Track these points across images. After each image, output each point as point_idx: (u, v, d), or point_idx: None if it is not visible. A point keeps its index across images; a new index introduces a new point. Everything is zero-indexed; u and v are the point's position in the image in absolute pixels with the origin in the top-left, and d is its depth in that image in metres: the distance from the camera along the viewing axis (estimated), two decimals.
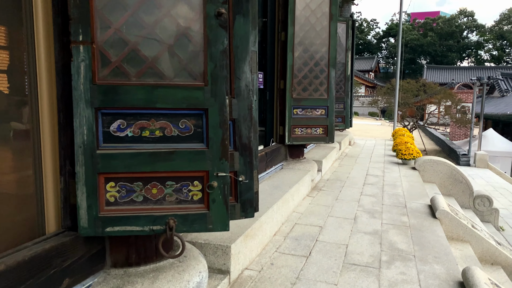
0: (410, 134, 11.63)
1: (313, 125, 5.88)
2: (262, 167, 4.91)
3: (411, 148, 8.29)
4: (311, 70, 5.76)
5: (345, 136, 10.62)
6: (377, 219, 4.45)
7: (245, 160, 2.15)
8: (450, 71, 50.97)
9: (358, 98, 42.65)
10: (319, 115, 5.89)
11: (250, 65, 2.08)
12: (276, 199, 4.05)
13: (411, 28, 65.18)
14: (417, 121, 20.86)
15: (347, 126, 8.78)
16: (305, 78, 5.74)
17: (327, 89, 5.88)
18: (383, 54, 72.31)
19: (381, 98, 23.39)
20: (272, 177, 5.12)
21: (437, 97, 19.12)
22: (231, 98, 2.06)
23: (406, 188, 6.08)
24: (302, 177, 5.24)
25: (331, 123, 5.94)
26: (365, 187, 6.07)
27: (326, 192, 5.63)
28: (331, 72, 5.86)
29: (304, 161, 6.08)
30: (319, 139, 5.95)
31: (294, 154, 6.10)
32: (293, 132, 5.78)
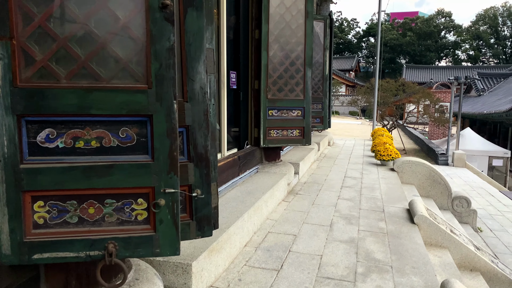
0: (389, 134, 11.57)
1: (289, 126, 5.67)
2: (234, 172, 4.67)
3: (389, 149, 8.19)
4: (286, 70, 5.55)
5: (324, 137, 10.48)
6: (354, 226, 4.26)
7: (201, 172, 1.91)
8: (428, 70, 51.73)
9: (338, 98, 42.82)
10: (295, 116, 5.69)
11: (205, 64, 1.84)
12: (248, 206, 3.82)
13: (390, 28, 65.95)
14: (396, 120, 20.96)
15: (326, 127, 8.63)
16: (280, 78, 5.53)
17: (303, 89, 5.68)
18: (363, 53, 72.99)
19: (361, 98, 23.43)
20: (246, 182, 4.89)
21: (416, 96, 19.23)
22: (183, 102, 1.81)
23: (384, 191, 5.93)
24: (278, 181, 5.03)
25: (307, 124, 5.75)
26: (343, 190, 5.89)
27: (302, 196, 5.43)
28: (307, 72, 5.66)
29: (281, 164, 5.87)
30: (296, 141, 5.75)
31: (270, 157, 5.88)
32: (269, 134, 5.56)
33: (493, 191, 10.94)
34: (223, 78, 4.73)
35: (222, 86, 4.74)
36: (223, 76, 4.73)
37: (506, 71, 31.85)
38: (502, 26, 62.96)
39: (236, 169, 4.71)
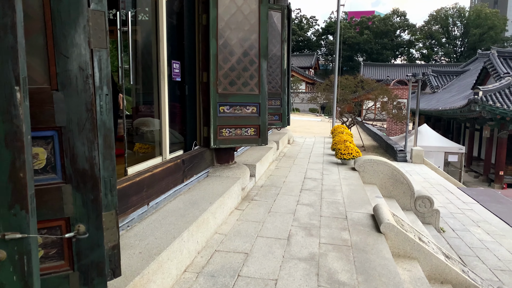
0: (349, 131, 11.28)
1: (243, 125, 5.08)
2: (177, 178, 4.01)
3: (350, 147, 7.80)
4: (239, 61, 4.94)
5: (283, 135, 9.99)
6: (315, 238, 3.74)
7: (85, 197, 1.26)
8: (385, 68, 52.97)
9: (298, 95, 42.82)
10: (250, 113, 5.10)
11: (88, 34, 1.19)
12: (190, 222, 3.19)
13: (348, 26, 66.98)
14: (355, 117, 20.94)
15: (285, 125, 8.12)
16: (232, 70, 4.92)
17: (258, 83, 5.09)
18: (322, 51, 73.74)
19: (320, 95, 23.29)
20: (193, 189, 4.25)
21: (374, 93, 19.25)
22: (50, 91, 1.16)
23: (346, 194, 5.48)
24: (230, 187, 4.42)
25: (263, 122, 5.18)
26: (303, 193, 5.38)
27: (258, 202, 4.86)
28: (263, 64, 5.08)
29: (234, 167, 5.26)
30: (251, 141, 5.16)
31: (223, 159, 5.26)
32: (220, 134, 4.94)
33: (451, 188, 10.91)
34: (163, 68, 4.05)
35: (162, 77, 4.06)
36: (163, 66, 4.05)
37: (458, 69, 32.95)
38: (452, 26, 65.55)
39: (180, 174, 4.06)
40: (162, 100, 4.10)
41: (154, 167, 3.60)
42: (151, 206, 3.44)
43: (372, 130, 22.77)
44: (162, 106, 4.10)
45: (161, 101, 4.10)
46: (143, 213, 3.29)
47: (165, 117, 4.12)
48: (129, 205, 3.04)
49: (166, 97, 4.10)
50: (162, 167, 3.65)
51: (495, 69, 18.45)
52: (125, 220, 2.98)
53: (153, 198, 3.46)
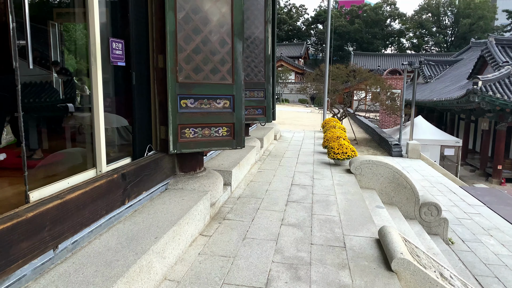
0: (342, 125, 10.25)
1: (212, 123, 3.98)
2: (113, 200, 2.91)
3: (344, 145, 6.76)
4: (205, 40, 3.83)
5: (269, 130, 8.91)
6: (303, 284, 2.69)
7: None
8: (375, 58, 52.08)
9: (287, 85, 41.76)
10: (222, 108, 4.00)
11: None
12: (116, 276, 2.10)
13: (338, 15, 65.77)
14: (346, 108, 19.93)
15: (269, 119, 7.04)
16: (197, 52, 3.80)
17: (231, 70, 3.99)
18: (312, 40, 72.53)
19: (310, 85, 22.21)
20: (139, 213, 3.15)
21: (367, 82, 18.23)
22: None
23: (342, 207, 4.44)
24: (193, 206, 3.35)
25: (239, 119, 4.08)
26: (289, 207, 4.32)
27: (231, 223, 3.79)
28: (237, 45, 3.98)
29: (203, 176, 4.17)
30: (223, 144, 4.07)
31: (188, 166, 4.16)
32: (182, 135, 3.83)
33: (453, 187, 9.98)
34: (94, 48, 2.93)
35: (92, 60, 2.94)
36: (94, 46, 2.93)
37: (451, 58, 32.12)
38: (443, 15, 64.74)
39: (118, 194, 2.95)
40: (93, 91, 2.98)
41: (70, 190, 2.49)
42: (64, 249, 2.34)
43: (364, 122, 21.81)
44: (94, 98, 2.98)
45: (92, 92, 2.98)
46: (46, 263, 2.19)
47: (98, 114, 3.00)
48: (12, 257, 1.94)
49: (100, 87, 2.98)
50: (84, 189, 2.54)
51: (493, 57, 17.55)
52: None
53: (67, 236, 2.36)
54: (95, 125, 3.02)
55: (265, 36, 6.74)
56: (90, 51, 2.94)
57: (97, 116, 3.01)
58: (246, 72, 6.54)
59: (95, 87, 2.98)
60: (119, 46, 3.34)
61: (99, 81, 2.99)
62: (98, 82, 2.98)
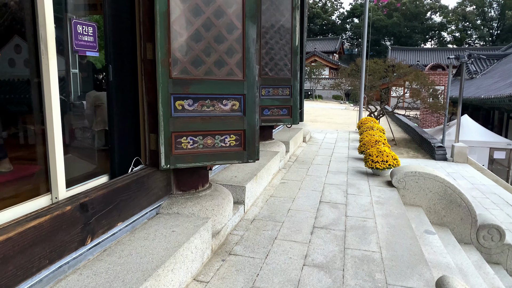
0: (380, 126, 9.14)
1: (217, 130, 3.12)
2: (68, 240, 2.10)
3: (385, 152, 5.73)
4: (208, 24, 2.97)
5: (297, 131, 7.96)
6: None
7: None
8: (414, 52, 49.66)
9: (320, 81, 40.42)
10: (229, 111, 3.13)
11: None
12: None
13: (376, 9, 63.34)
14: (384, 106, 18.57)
15: (296, 121, 6.10)
16: (197, 40, 2.95)
17: (242, 62, 3.11)
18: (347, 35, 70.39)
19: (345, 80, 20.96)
20: (108, 254, 2.34)
21: (407, 78, 16.82)
22: None
23: (384, 237, 3.47)
24: (184, 242, 2.52)
25: (252, 124, 3.20)
26: (315, 238, 3.41)
27: (238, 262, 2.93)
28: (249, 30, 3.09)
29: (207, 195, 3.33)
30: (230, 156, 3.20)
31: (187, 183, 3.33)
32: (177, 145, 3.00)
33: (509, 198, 8.67)
34: (45, 30, 2.13)
35: (43, 48, 2.14)
36: (45, 27, 2.13)
37: (499, 52, 29.76)
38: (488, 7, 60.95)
39: (75, 232, 2.14)
40: (45, 89, 2.18)
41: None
42: None
43: (403, 121, 20.32)
44: (46, 99, 2.19)
45: (44, 91, 2.19)
46: None
47: (51, 120, 2.21)
48: None
49: (53, 83, 2.19)
50: (11, 231, 1.74)
51: None
52: None
53: None
54: (48, 136, 2.23)
55: (292, 25, 5.80)
56: (39, 35, 2.14)
57: (50, 124, 2.22)
58: (269, 67, 5.64)
59: (46, 84, 2.18)
60: (89, 30, 2.53)
61: (52, 76, 2.19)
62: (51, 77, 2.18)
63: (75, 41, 2.39)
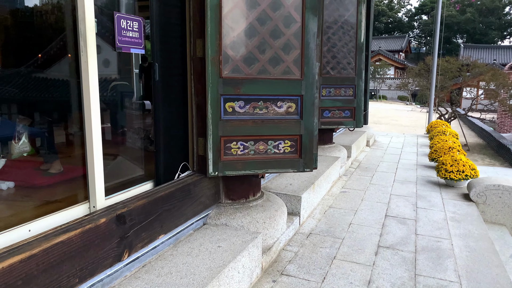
0: (453, 131, 8.31)
1: (270, 135, 2.82)
2: (101, 256, 1.91)
3: (461, 161, 5.08)
4: (263, 18, 2.68)
5: (359, 135, 7.44)
6: None
7: None
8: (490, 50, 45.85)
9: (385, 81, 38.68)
10: (284, 114, 2.82)
11: None
12: None
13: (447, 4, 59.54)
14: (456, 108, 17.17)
15: (359, 124, 5.62)
16: (251, 35, 2.67)
17: (300, 59, 2.78)
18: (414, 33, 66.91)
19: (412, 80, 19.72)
20: (146, 271, 2.13)
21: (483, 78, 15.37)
22: None
23: (463, 263, 2.96)
24: (230, 261, 2.27)
25: (310, 129, 2.86)
26: (380, 259, 2.99)
27: (290, 284, 2.60)
28: (310, 24, 2.75)
29: (258, 205, 3.05)
30: (284, 164, 2.88)
31: (237, 191, 3.06)
32: (227, 151, 2.74)
33: None
34: (84, 25, 1.96)
35: (82, 45, 1.97)
36: (85, 22, 1.96)
37: None
38: None
39: (109, 246, 1.95)
40: (84, 89, 2.02)
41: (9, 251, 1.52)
42: None
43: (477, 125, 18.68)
44: (85, 101, 2.02)
45: (83, 92, 2.02)
46: None
47: (90, 123, 2.04)
48: None
49: (93, 84, 2.01)
50: (34, 249, 1.57)
51: None
52: None
53: None
54: (86, 140, 2.06)
55: (358, 20, 5.34)
56: (79, 31, 1.98)
57: (89, 126, 2.05)
58: (331, 65, 5.24)
59: (85, 84, 2.01)
60: (134, 26, 2.34)
61: (92, 75, 2.01)
62: (90, 76, 2.01)
63: (118, 37, 2.21)
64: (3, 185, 2.95)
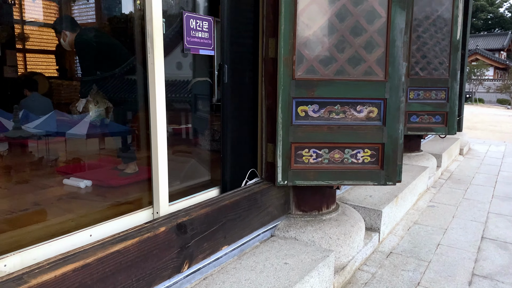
0: None
1: (347, 142, 2.55)
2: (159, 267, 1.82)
3: None
4: (343, 13, 2.43)
5: (452, 142, 6.72)
6: None
7: None
8: None
9: (482, 83, 35.30)
10: (364, 119, 2.53)
11: None
12: None
13: None
14: None
15: (452, 131, 5.02)
16: (329, 33, 2.44)
17: (384, 58, 2.48)
18: None
19: None
20: (206, 285, 2.01)
21: None
22: None
23: None
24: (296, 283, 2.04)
25: (394, 137, 2.53)
26: None
27: None
28: (396, 18, 2.44)
29: (331, 218, 2.80)
30: (362, 176, 2.59)
31: (309, 203, 2.84)
32: (298, 158, 2.53)
33: None
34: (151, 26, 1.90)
35: (149, 46, 1.92)
36: (152, 22, 1.90)
37: None
38: None
39: (168, 256, 1.85)
40: (151, 91, 1.96)
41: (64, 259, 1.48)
42: None
43: None
44: (151, 103, 1.97)
45: (149, 94, 1.97)
46: None
47: (156, 127, 1.98)
48: None
49: (159, 86, 1.95)
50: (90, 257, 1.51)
51: None
52: None
53: None
54: (152, 143, 2.01)
55: (453, 15, 4.78)
56: (147, 31, 1.92)
57: (154, 130, 1.98)
58: (420, 65, 4.76)
59: (151, 87, 1.95)
60: (204, 26, 2.24)
61: (158, 78, 1.94)
62: (157, 79, 1.94)
63: (187, 38, 2.13)
64: (81, 183, 3.07)
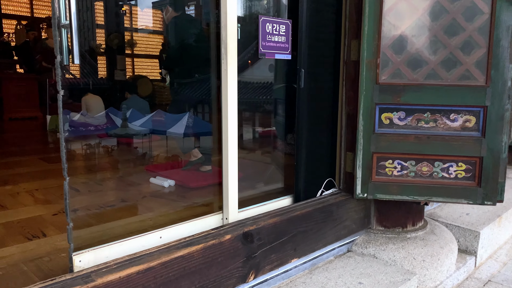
0: None
1: (438, 154, 2.28)
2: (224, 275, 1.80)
3: None
4: (436, 11, 2.19)
5: None
6: None
7: None
8: None
9: None
10: (459, 129, 2.25)
11: None
12: None
13: None
14: None
15: None
16: (418, 33, 2.22)
17: (485, 61, 2.18)
18: None
19: None
20: None
21: None
22: None
23: None
24: None
25: (495, 150, 2.21)
26: None
27: None
28: (502, 14, 2.13)
29: (417, 237, 2.54)
30: (455, 193, 2.30)
31: (392, 218, 2.60)
32: (380, 170, 2.34)
33: None
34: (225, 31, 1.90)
35: (223, 51, 1.92)
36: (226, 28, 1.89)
37: None
38: None
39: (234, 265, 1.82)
40: (223, 96, 1.96)
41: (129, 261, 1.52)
42: None
43: None
44: (223, 107, 1.96)
45: (222, 97, 1.97)
46: None
47: (227, 133, 1.97)
48: None
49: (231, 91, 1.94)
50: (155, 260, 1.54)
51: None
52: None
53: None
54: (223, 148, 2.00)
55: None
56: (222, 37, 1.92)
57: (226, 135, 1.97)
58: None
59: (224, 93, 1.94)
60: (281, 29, 2.18)
61: (230, 84, 1.93)
62: (229, 85, 1.93)
63: (262, 42, 2.08)
64: (165, 183, 3.21)
